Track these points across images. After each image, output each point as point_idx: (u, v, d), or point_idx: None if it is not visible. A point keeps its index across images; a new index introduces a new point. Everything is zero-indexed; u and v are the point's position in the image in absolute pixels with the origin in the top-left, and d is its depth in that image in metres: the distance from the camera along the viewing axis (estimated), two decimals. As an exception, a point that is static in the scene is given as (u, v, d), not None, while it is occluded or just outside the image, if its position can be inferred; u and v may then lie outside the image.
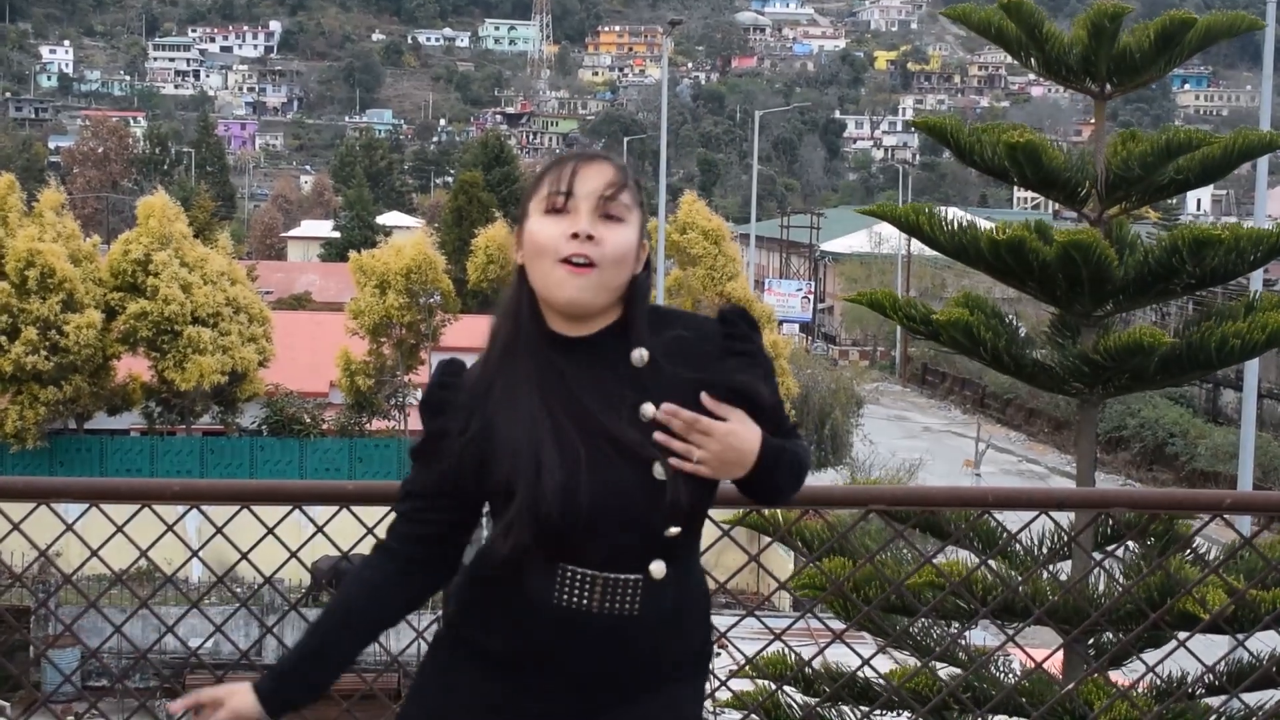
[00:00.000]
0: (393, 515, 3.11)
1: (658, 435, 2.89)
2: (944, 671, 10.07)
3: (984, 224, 11.13)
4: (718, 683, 4.89)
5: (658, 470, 2.87)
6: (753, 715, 8.31)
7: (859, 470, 41.10)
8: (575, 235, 2.90)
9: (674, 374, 2.94)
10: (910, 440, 49.85)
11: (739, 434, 2.92)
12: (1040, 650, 7.62)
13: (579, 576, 2.92)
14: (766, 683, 9.90)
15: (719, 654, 3.37)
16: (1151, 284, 10.13)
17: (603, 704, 2.99)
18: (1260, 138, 10.48)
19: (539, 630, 2.96)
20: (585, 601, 2.92)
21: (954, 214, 11.19)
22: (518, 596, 2.98)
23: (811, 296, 75.41)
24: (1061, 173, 10.30)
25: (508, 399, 2.95)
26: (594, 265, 2.91)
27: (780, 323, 48.12)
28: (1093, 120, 11.34)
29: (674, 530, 2.91)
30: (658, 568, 2.93)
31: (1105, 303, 10.31)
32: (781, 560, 28.47)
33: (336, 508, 4.28)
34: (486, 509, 3.04)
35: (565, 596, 2.93)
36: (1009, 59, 11.25)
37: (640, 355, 2.94)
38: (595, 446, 2.89)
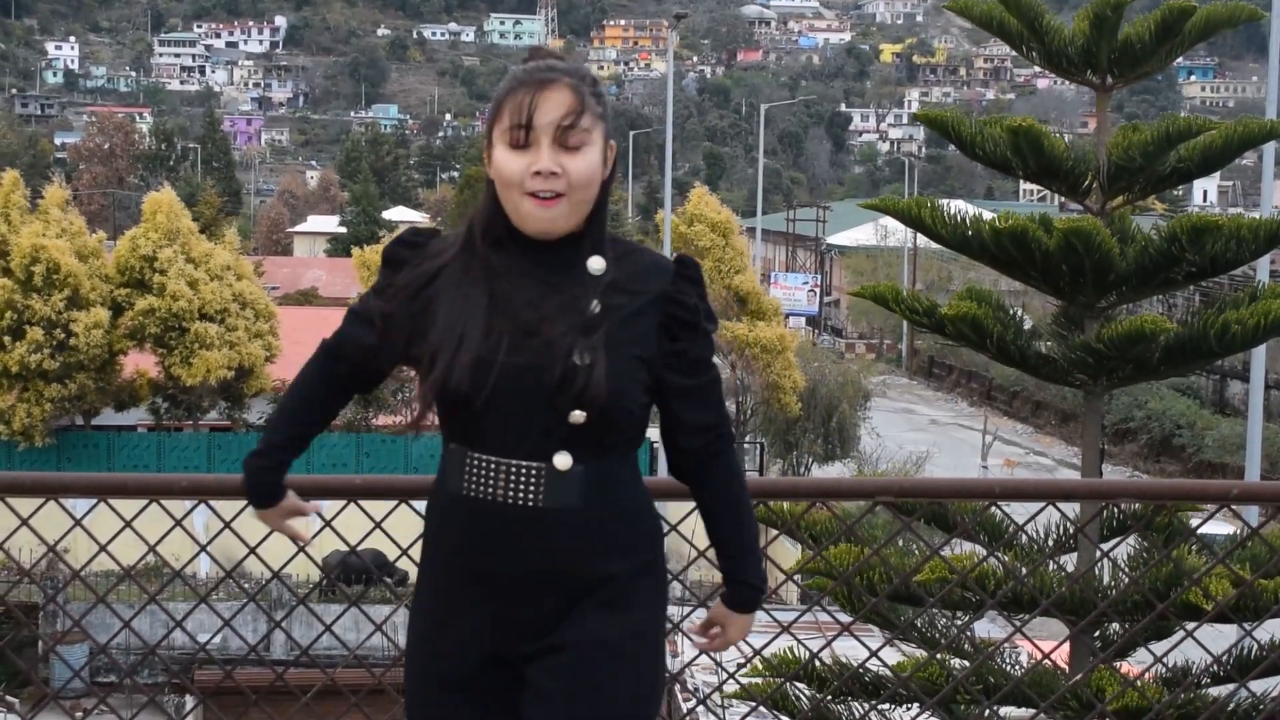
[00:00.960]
0: (339, 332, 3.22)
1: None
2: (952, 663, 10.09)
3: (989, 216, 11.15)
4: (725, 675, 4.91)
5: (577, 357, 2.92)
6: (760, 708, 8.33)
7: (866, 463, 41.05)
8: (538, 173, 2.95)
9: (624, 286, 3.02)
10: (917, 433, 49.82)
11: (748, 626, 3.22)
12: (1048, 642, 7.63)
13: (482, 463, 2.98)
14: (776, 678, 9.90)
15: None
16: (1153, 273, 10.14)
17: (533, 612, 3.00)
18: (1261, 126, 10.49)
19: (457, 525, 3.02)
20: (490, 490, 2.98)
21: (959, 206, 11.21)
22: (443, 495, 3.06)
23: (818, 290, 75.33)
24: (1063, 162, 10.31)
25: (455, 281, 3.03)
26: (560, 195, 2.97)
27: (787, 316, 48.02)
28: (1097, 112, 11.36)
29: (579, 415, 2.94)
30: (562, 459, 2.97)
31: (1108, 293, 10.33)
32: (789, 554, 28.47)
33: (344, 502, 4.29)
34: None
35: (472, 486, 2.99)
36: (1015, 52, 11.29)
37: (598, 264, 3.02)
38: (521, 333, 2.95)
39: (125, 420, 37.78)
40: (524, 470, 2.96)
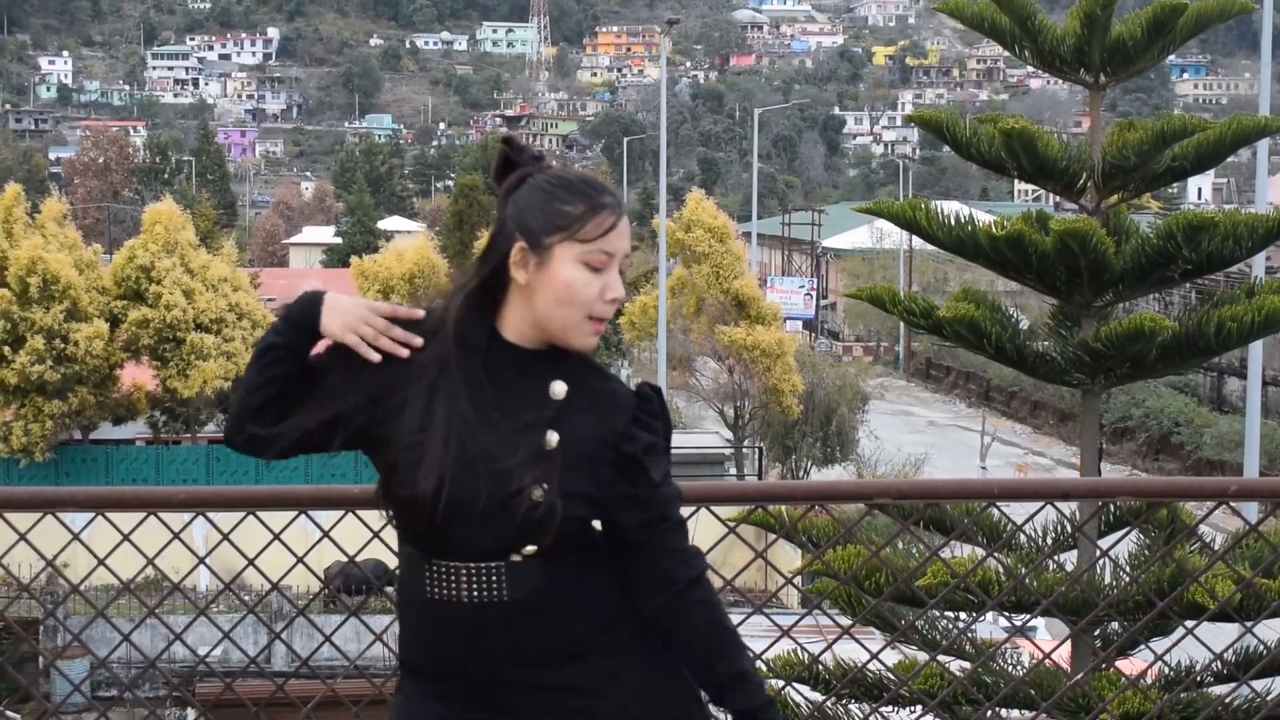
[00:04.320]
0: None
1: None
2: (952, 665, 10.08)
3: (985, 217, 11.14)
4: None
5: (536, 494, 2.91)
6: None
7: (865, 466, 41.06)
8: (613, 299, 2.98)
9: (582, 416, 2.99)
10: (915, 435, 49.83)
11: None
12: (1048, 642, 7.63)
13: (444, 569, 2.98)
14: (774, 681, 9.89)
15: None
16: (1149, 271, 10.15)
17: (511, 696, 3.01)
18: (1256, 122, 10.49)
19: (424, 627, 3.04)
20: (454, 592, 2.98)
21: (954, 208, 11.20)
22: (405, 598, 3.08)
23: (814, 293, 75.36)
24: (1058, 162, 10.31)
25: (424, 382, 2.99)
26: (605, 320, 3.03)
27: (785, 320, 48.05)
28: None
29: (529, 549, 2.95)
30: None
31: (1104, 292, 10.33)
32: (790, 559, 28.48)
33: (342, 512, 4.29)
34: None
35: (435, 590, 3.00)
36: (1007, 52, 11.31)
37: (559, 389, 2.99)
38: (477, 455, 2.93)
39: (123, 434, 37.77)
40: (484, 570, 2.97)
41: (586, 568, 3.04)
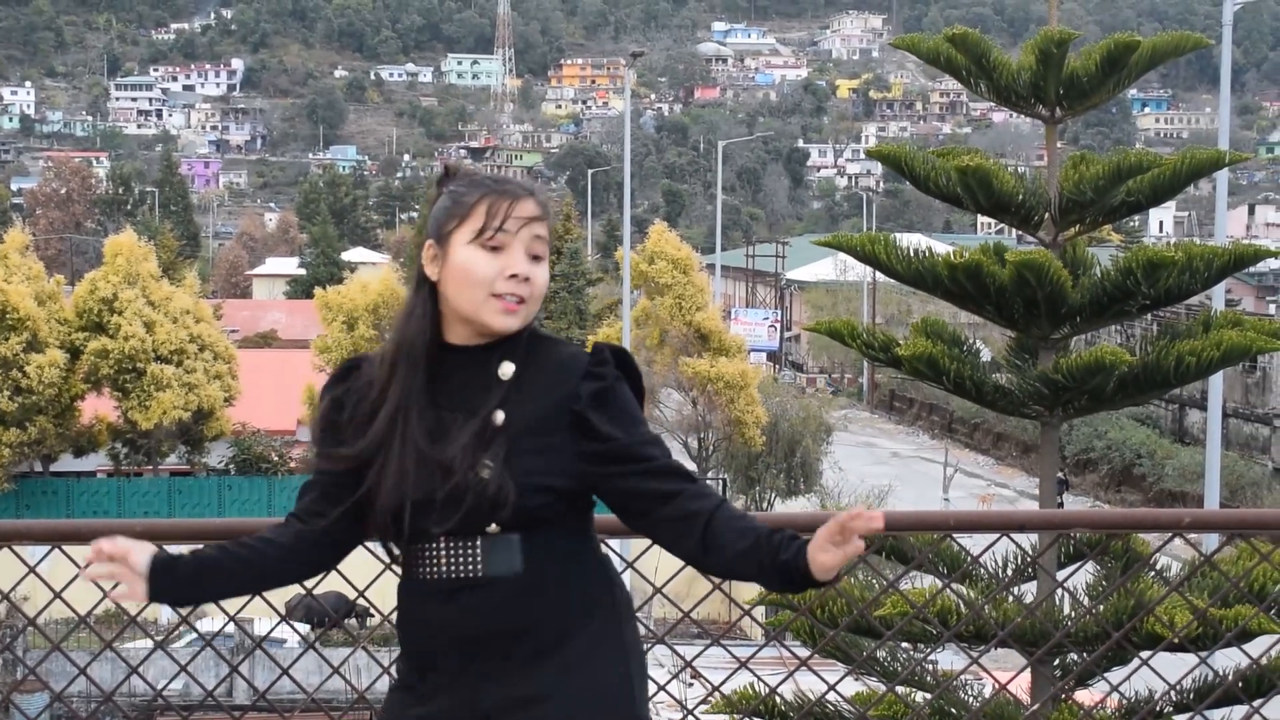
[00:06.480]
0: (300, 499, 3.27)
1: None
2: (915, 697, 10.10)
3: (946, 249, 11.20)
4: (685, 712, 4.92)
5: (484, 473, 3.00)
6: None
7: (829, 497, 41.11)
8: (514, 276, 3.05)
9: (532, 388, 3.08)
10: (879, 466, 49.91)
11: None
12: (1008, 673, 7.64)
13: (427, 548, 3.08)
14: (736, 714, 9.89)
15: (691, 684, 3.40)
16: (1108, 305, 10.22)
17: (492, 674, 3.06)
18: (1209, 155, 10.60)
19: (414, 608, 3.13)
20: (436, 570, 3.08)
21: (917, 240, 11.26)
22: (400, 587, 3.17)
23: (778, 325, 75.51)
24: (1014, 197, 10.39)
25: (386, 406, 3.12)
26: (524, 302, 3.08)
27: (749, 352, 48.11)
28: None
29: (494, 528, 3.03)
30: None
31: (1062, 325, 10.41)
32: (751, 589, 28.47)
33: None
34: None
35: (423, 570, 3.10)
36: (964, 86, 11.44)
37: (506, 369, 3.09)
38: (429, 464, 3.05)
39: (84, 466, 37.58)
40: (462, 544, 3.05)
41: (568, 552, 3.10)
